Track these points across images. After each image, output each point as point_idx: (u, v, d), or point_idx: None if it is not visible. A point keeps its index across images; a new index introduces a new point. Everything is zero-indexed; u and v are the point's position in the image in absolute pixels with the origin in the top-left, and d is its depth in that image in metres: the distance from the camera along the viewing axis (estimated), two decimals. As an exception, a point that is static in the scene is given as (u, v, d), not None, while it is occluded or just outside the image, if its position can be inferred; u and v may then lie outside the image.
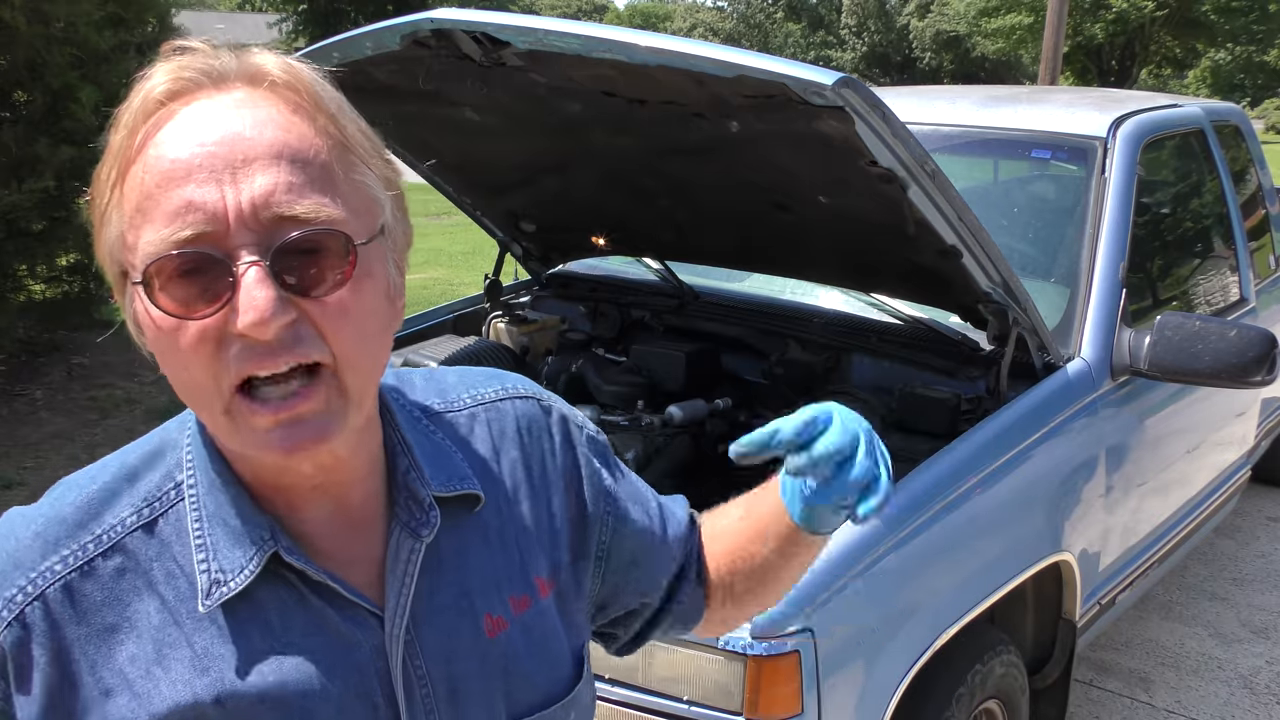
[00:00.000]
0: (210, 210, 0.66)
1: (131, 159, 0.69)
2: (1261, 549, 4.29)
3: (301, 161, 0.68)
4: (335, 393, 0.70)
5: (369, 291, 0.72)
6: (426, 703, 0.79)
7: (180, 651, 0.73)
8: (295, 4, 33.07)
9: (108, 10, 5.41)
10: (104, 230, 0.71)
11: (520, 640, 0.84)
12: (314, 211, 0.68)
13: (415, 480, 0.81)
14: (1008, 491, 2.22)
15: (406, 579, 0.78)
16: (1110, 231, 2.73)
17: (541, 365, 2.97)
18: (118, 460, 0.79)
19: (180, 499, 0.76)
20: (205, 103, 0.69)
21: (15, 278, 5.64)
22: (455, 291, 7.96)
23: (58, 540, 0.74)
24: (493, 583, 0.83)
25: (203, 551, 0.74)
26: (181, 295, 0.67)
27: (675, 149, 2.31)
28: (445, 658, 0.80)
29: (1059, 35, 13.11)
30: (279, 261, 0.67)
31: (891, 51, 57.21)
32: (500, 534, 0.85)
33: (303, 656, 0.75)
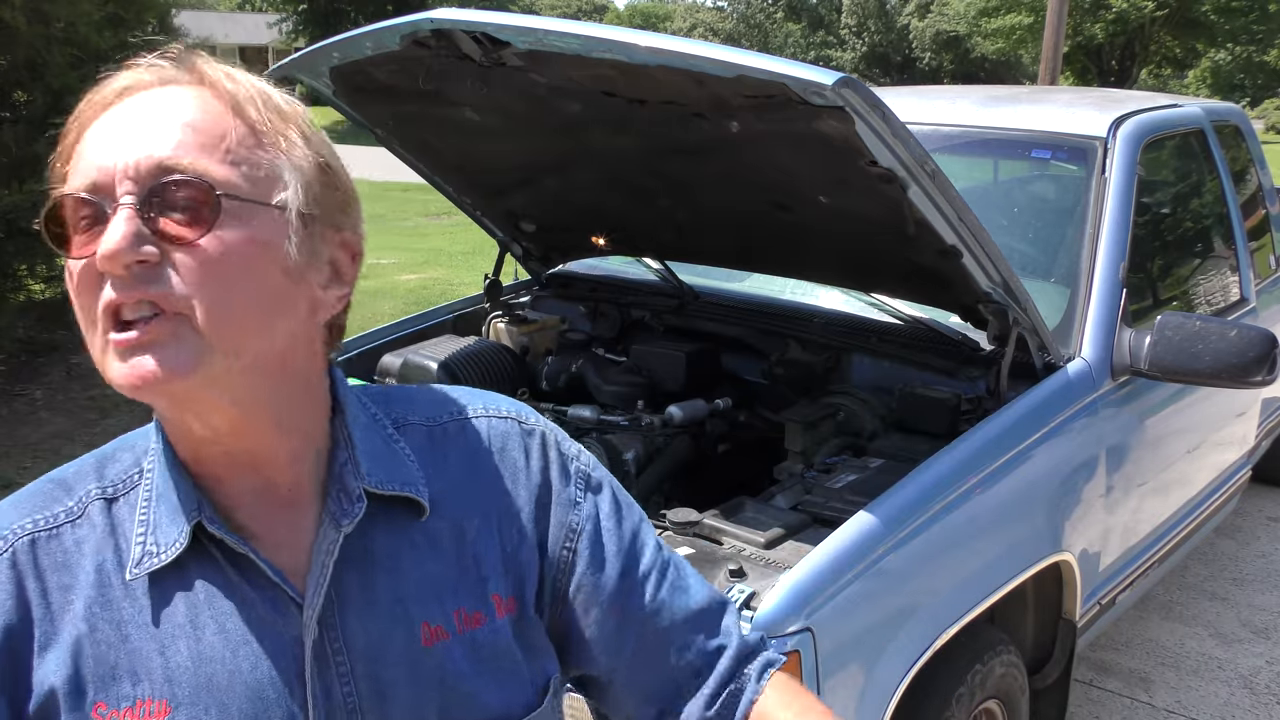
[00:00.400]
0: (103, 165, 0.73)
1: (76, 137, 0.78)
2: (1262, 549, 4.29)
3: (201, 130, 0.75)
4: (189, 333, 0.72)
5: (244, 250, 0.74)
6: (349, 701, 0.79)
7: (110, 614, 0.77)
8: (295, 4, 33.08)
9: (108, 10, 5.41)
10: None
11: (464, 656, 0.83)
12: (189, 164, 0.73)
13: (349, 473, 0.82)
14: (1008, 491, 2.22)
15: (324, 568, 0.79)
16: (1110, 231, 2.73)
17: (541, 365, 2.97)
18: (97, 451, 0.85)
19: (140, 482, 0.81)
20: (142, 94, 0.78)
21: (15, 277, 5.64)
22: (455, 291, 7.96)
23: (35, 505, 0.81)
24: (434, 593, 0.83)
25: (143, 526, 0.79)
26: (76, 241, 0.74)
27: (675, 149, 2.31)
28: (373, 658, 0.80)
29: (1059, 35, 13.11)
30: (149, 206, 0.72)
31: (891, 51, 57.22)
32: (456, 546, 0.85)
33: (221, 634, 0.77)
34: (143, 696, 0.76)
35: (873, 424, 2.49)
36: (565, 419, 2.57)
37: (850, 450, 2.39)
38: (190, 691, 0.76)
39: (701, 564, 1.89)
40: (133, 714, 0.75)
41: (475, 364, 2.80)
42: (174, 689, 0.76)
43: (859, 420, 2.49)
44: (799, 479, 2.26)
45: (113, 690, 0.76)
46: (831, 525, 1.94)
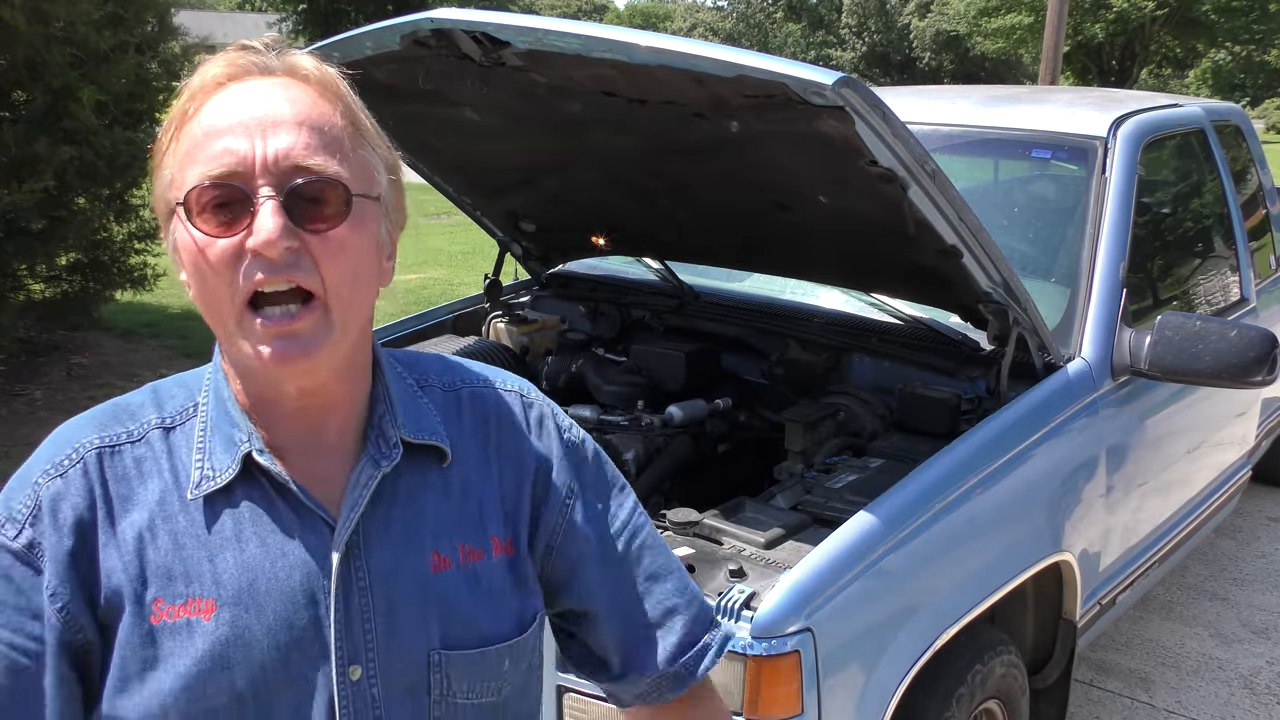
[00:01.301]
0: (241, 155, 0.85)
1: (187, 120, 0.89)
2: (1261, 549, 4.29)
3: (319, 130, 0.88)
4: (323, 319, 0.87)
5: (360, 238, 0.89)
6: (365, 611, 0.93)
7: (168, 525, 0.91)
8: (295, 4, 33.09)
9: (107, 10, 5.40)
10: (159, 176, 0.91)
11: (464, 584, 0.97)
12: (322, 166, 0.87)
13: (388, 422, 0.97)
14: (1008, 491, 2.22)
15: (360, 500, 0.93)
16: (1110, 231, 2.73)
17: (541, 365, 2.97)
18: (153, 385, 0.99)
19: (195, 415, 0.95)
20: (251, 83, 0.89)
21: (15, 277, 5.64)
22: (455, 291, 7.96)
23: (101, 425, 0.94)
24: (444, 528, 0.97)
25: (200, 453, 0.93)
26: (213, 220, 0.86)
27: (675, 149, 2.31)
28: (387, 577, 0.94)
29: (1059, 35, 13.11)
30: (290, 200, 0.85)
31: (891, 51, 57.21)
32: (463, 493, 0.99)
33: (261, 548, 0.91)
34: (194, 595, 0.89)
35: (873, 424, 2.49)
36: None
37: (850, 450, 2.39)
38: (234, 593, 0.89)
39: (702, 564, 1.89)
40: (185, 609, 0.89)
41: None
42: (220, 590, 0.89)
43: (859, 420, 2.49)
44: (799, 479, 2.26)
45: (169, 588, 0.89)
46: (831, 525, 1.94)
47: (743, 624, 1.75)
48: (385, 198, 0.94)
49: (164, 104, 6.33)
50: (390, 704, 0.93)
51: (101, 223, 5.90)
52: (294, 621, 0.90)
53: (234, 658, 0.88)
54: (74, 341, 6.65)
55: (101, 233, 6.00)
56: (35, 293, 5.99)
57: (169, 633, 0.88)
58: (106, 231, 6.10)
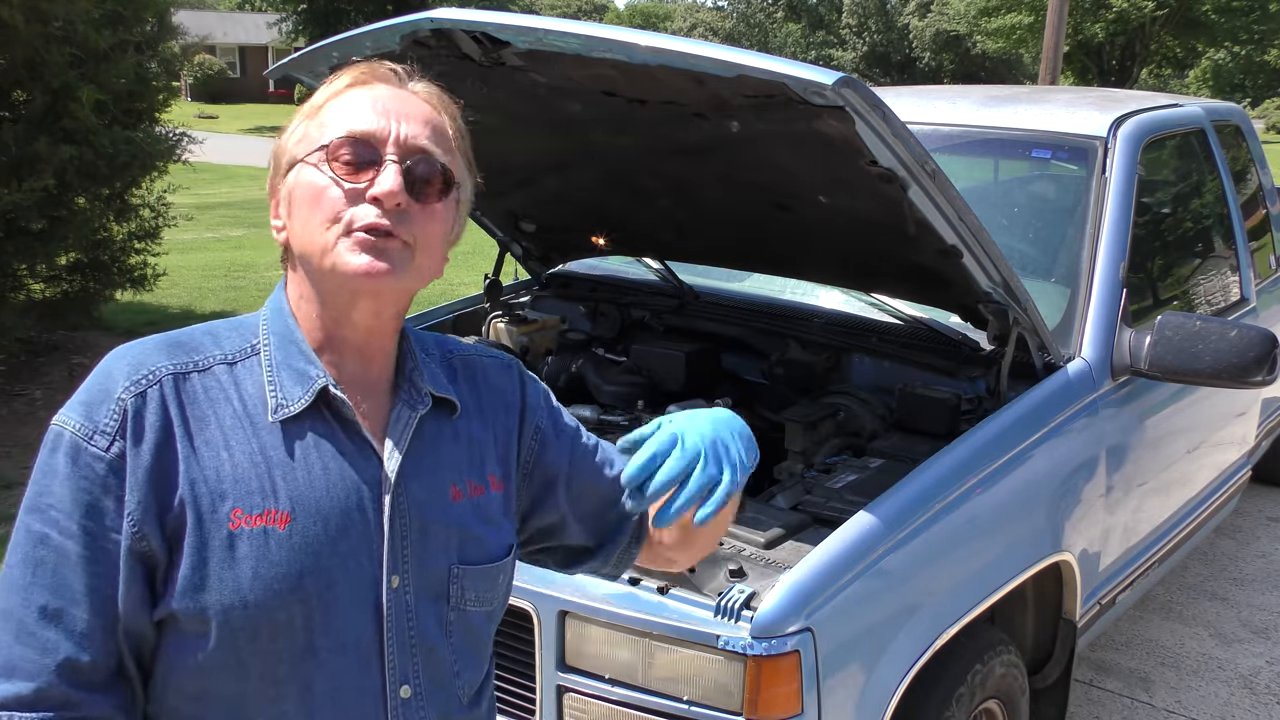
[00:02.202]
0: (380, 127, 1.05)
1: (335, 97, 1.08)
2: (1261, 549, 4.29)
3: (437, 131, 1.09)
4: (408, 252, 1.05)
5: (447, 215, 1.10)
6: (404, 529, 1.09)
7: (243, 446, 1.04)
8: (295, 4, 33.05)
9: (106, 9, 5.40)
10: (289, 138, 1.09)
11: (472, 512, 1.16)
12: (438, 154, 1.08)
13: (417, 375, 1.15)
14: (1008, 491, 2.22)
15: (404, 436, 1.11)
16: (1110, 231, 2.73)
17: (541, 365, 2.97)
18: (206, 326, 1.12)
19: (255, 354, 1.09)
20: (385, 88, 1.10)
21: (15, 277, 5.63)
22: (455, 291, 7.95)
23: (171, 351, 1.07)
24: (457, 466, 1.16)
25: (273, 385, 1.07)
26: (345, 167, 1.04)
27: (675, 149, 2.31)
28: (421, 503, 1.10)
29: (1059, 35, 13.11)
30: (409, 170, 1.05)
31: (891, 51, 57.18)
32: (467, 437, 1.18)
33: (326, 470, 1.06)
34: (270, 507, 1.02)
35: (873, 424, 2.49)
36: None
37: (850, 450, 2.39)
38: (304, 507, 1.03)
39: (702, 564, 1.89)
40: (261, 519, 1.02)
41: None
42: (293, 504, 1.03)
43: (859, 420, 2.49)
44: (799, 479, 2.26)
45: (247, 500, 1.02)
46: (831, 525, 1.94)
47: (743, 624, 1.75)
48: (463, 202, 1.13)
49: (164, 103, 6.33)
50: (419, 608, 1.10)
51: (101, 222, 5.90)
52: (353, 534, 1.05)
53: (305, 563, 1.02)
54: (74, 341, 6.65)
55: (101, 232, 6.00)
56: (35, 293, 5.99)
57: (247, 538, 1.01)
58: (106, 231, 6.09)
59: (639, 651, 1.85)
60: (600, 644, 1.90)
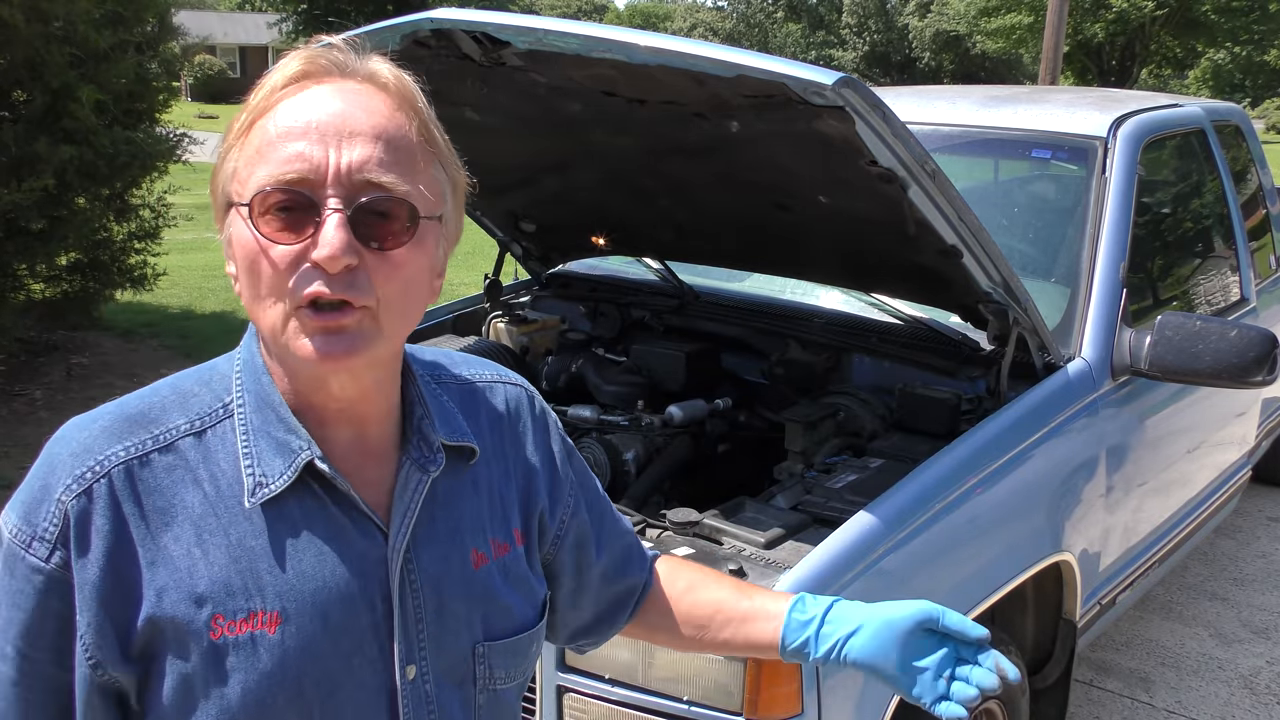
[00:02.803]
0: (314, 163, 0.83)
1: (261, 115, 0.87)
2: (1261, 549, 4.29)
3: (393, 145, 0.86)
4: (371, 323, 0.86)
5: (419, 258, 0.89)
6: (418, 611, 0.94)
7: (218, 539, 0.87)
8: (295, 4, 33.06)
9: (106, 9, 5.40)
10: (222, 165, 0.88)
11: (499, 577, 1.01)
12: (393, 183, 0.85)
13: (428, 426, 0.98)
14: (1008, 491, 2.22)
15: (412, 504, 0.94)
16: (1110, 231, 2.73)
17: (541, 365, 2.97)
18: (171, 383, 0.94)
19: (228, 416, 0.91)
20: (330, 85, 0.87)
21: (15, 277, 5.63)
22: (455, 291, 7.95)
23: (122, 433, 0.89)
24: (479, 525, 1.00)
25: (249, 459, 0.89)
26: (276, 224, 0.84)
27: (675, 149, 2.31)
28: (436, 578, 0.95)
29: (1059, 35, 13.10)
30: (357, 215, 0.84)
31: (891, 51, 57.19)
32: (487, 487, 1.02)
33: (319, 556, 0.90)
34: (255, 609, 0.87)
35: (873, 424, 2.49)
36: (565, 419, 2.57)
37: (850, 450, 2.39)
38: (297, 603, 0.88)
39: (702, 564, 1.89)
40: (248, 623, 0.87)
41: (475, 364, 2.80)
42: (283, 602, 0.88)
43: (859, 420, 2.49)
44: (799, 479, 2.26)
45: (229, 603, 0.86)
46: (831, 525, 1.94)
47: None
48: (447, 218, 0.93)
49: (164, 104, 6.33)
50: (442, 698, 0.96)
51: (101, 222, 5.90)
52: (355, 627, 0.91)
53: (303, 669, 0.88)
54: (74, 341, 6.65)
55: (101, 233, 6.00)
56: (35, 293, 5.99)
57: (232, 648, 0.86)
58: (106, 231, 6.10)
59: (639, 651, 1.85)
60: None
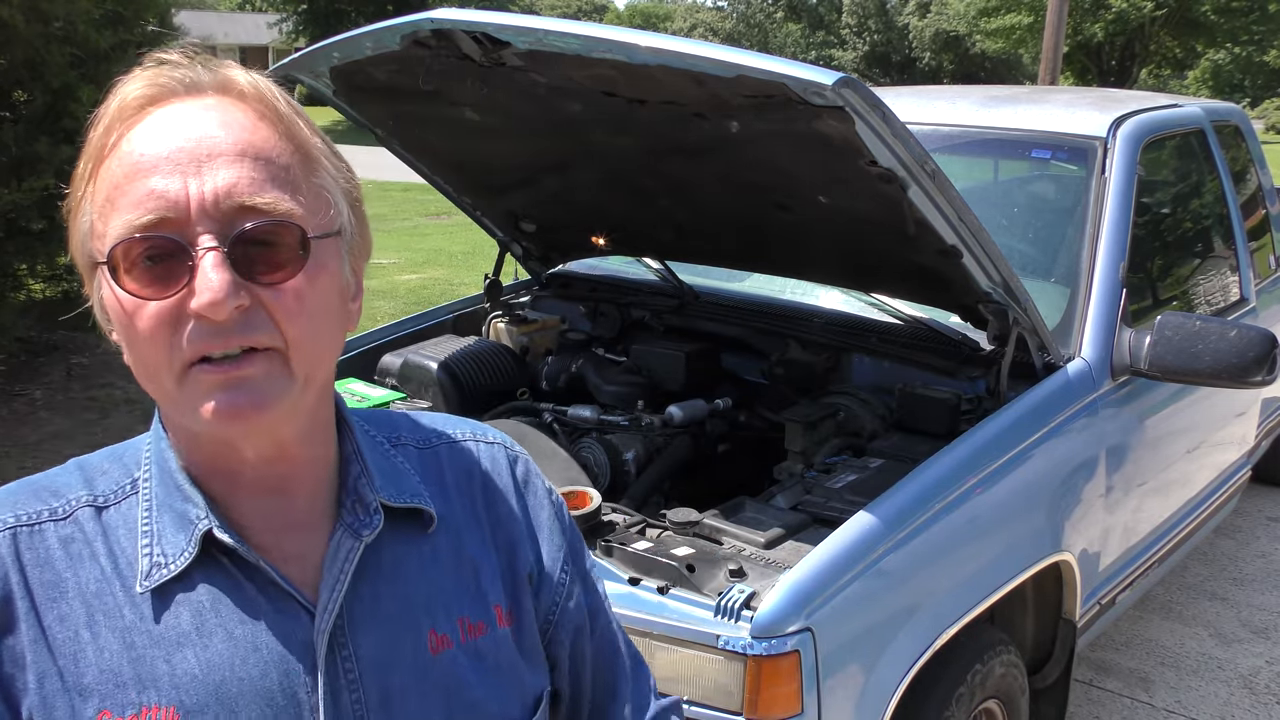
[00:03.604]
0: (172, 198, 0.71)
1: (105, 155, 0.74)
2: (1261, 549, 4.29)
3: (264, 160, 0.74)
4: (280, 367, 0.75)
5: (322, 283, 0.76)
6: (357, 709, 0.80)
7: (112, 621, 0.76)
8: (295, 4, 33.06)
9: (106, 9, 5.40)
10: (77, 222, 0.76)
11: (469, 664, 0.85)
12: (272, 204, 0.73)
13: (364, 485, 0.84)
14: (1008, 491, 2.22)
15: (342, 576, 0.81)
16: (1110, 231, 2.73)
17: (541, 365, 2.97)
18: (80, 460, 0.85)
19: (134, 493, 0.81)
20: (178, 106, 0.75)
21: (15, 277, 5.63)
22: (455, 291, 7.96)
23: (15, 502, 0.79)
24: (440, 602, 0.85)
25: (147, 537, 0.78)
26: (144, 278, 0.72)
27: (675, 149, 2.31)
28: (381, 667, 0.81)
29: (1059, 35, 13.11)
30: (237, 249, 0.72)
31: (891, 51, 57.19)
32: (455, 558, 0.87)
33: (230, 642, 0.77)
34: (149, 704, 0.75)
35: (873, 424, 2.49)
36: (565, 419, 2.57)
37: (850, 450, 2.39)
38: (199, 699, 0.76)
39: (702, 564, 1.89)
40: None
41: (475, 364, 2.80)
42: (181, 695, 0.76)
43: (859, 420, 2.49)
44: (799, 479, 2.26)
45: (118, 697, 0.75)
46: (831, 525, 1.94)
47: (743, 624, 1.75)
48: (346, 231, 0.80)
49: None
50: None
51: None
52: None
53: None
54: (74, 341, 6.64)
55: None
56: (35, 293, 5.99)
57: None
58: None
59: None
60: (600, 644, 1.90)
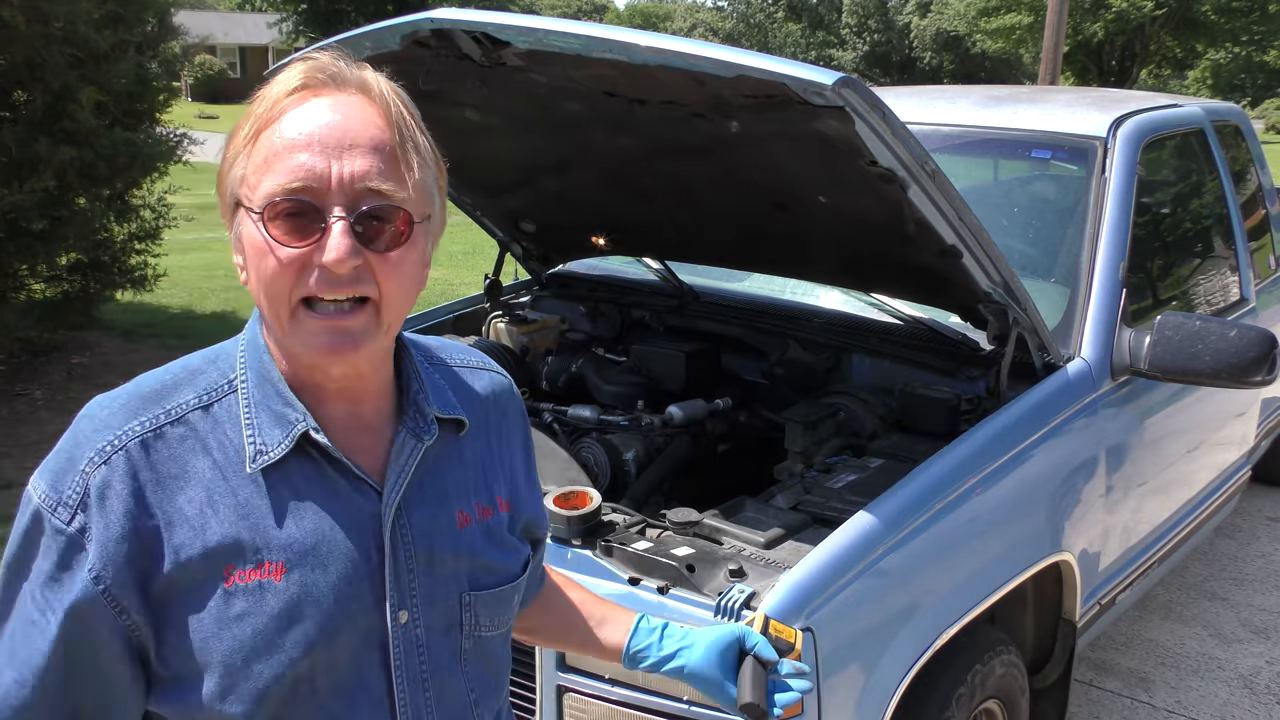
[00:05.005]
0: (318, 173, 0.93)
1: (267, 124, 0.95)
2: (1261, 549, 4.29)
3: (388, 155, 0.96)
4: (373, 317, 0.97)
5: (413, 255, 0.99)
6: (409, 563, 1.04)
7: (227, 500, 0.97)
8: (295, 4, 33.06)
9: (107, 9, 5.40)
10: (230, 170, 0.98)
11: (482, 537, 1.11)
12: (391, 191, 0.95)
13: (424, 400, 1.08)
14: (1008, 491, 2.22)
15: (407, 467, 1.04)
16: (1110, 231, 2.73)
17: (541, 365, 2.97)
18: (182, 363, 1.05)
19: (233, 391, 1.01)
20: (328, 98, 0.96)
21: (16, 277, 5.64)
22: (455, 291, 7.96)
23: (138, 410, 0.98)
24: (464, 490, 1.11)
25: (250, 429, 0.99)
26: (285, 227, 0.93)
27: (675, 149, 2.31)
28: (427, 535, 1.05)
29: (1059, 35, 13.11)
30: (359, 222, 0.94)
31: (891, 51, 57.19)
32: (472, 458, 1.13)
33: (318, 513, 1.00)
34: (264, 560, 0.97)
35: (873, 424, 2.49)
36: (565, 419, 2.57)
37: (850, 450, 2.39)
38: (299, 555, 0.98)
39: (702, 564, 1.90)
40: (257, 573, 0.97)
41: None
42: (287, 554, 0.98)
43: (859, 420, 2.49)
44: (799, 479, 2.26)
45: (239, 556, 0.96)
46: (831, 525, 1.94)
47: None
48: (435, 218, 1.02)
49: (164, 104, 6.33)
50: (431, 642, 1.06)
51: (102, 223, 5.90)
52: (353, 576, 1.00)
53: (306, 612, 0.98)
54: (74, 341, 6.65)
55: (102, 233, 6.00)
56: (36, 293, 5.99)
57: (243, 594, 0.96)
58: (107, 231, 6.10)
59: (639, 651, 1.85)
60: (600, 644, 1.90)
